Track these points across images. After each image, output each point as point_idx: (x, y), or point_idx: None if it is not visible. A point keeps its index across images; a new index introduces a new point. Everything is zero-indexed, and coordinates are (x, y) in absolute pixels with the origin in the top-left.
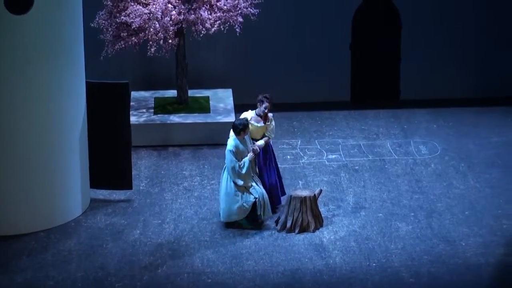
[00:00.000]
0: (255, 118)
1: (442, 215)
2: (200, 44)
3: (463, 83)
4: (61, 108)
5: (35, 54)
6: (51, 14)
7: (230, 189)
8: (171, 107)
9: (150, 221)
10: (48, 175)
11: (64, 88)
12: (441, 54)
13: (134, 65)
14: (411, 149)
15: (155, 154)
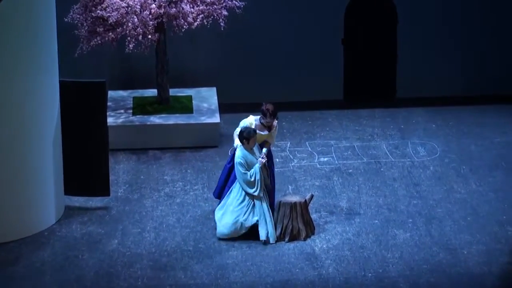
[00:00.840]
0: (259, 126)
1: (442, 222)
2: (182, 40)
3: (464, 80)
4: (33, 110)
5: (3, 51)
6: (22, 8)
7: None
8: (151, 107)
9: (129, 230)
10: (19, 181)
11: (36, 88)
12: (441, 49)
13: (111, 62)
14: (408, 150)
15: (134, 158)
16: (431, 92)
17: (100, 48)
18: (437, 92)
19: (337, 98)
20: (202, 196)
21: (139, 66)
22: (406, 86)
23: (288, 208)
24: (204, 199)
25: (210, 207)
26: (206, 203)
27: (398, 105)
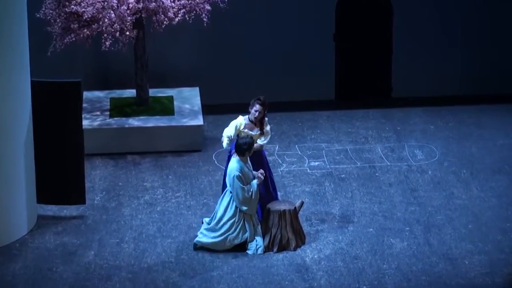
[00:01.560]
0: (249, 125)
1: (441, 230)
2: (162, 37)
3: (465, 78)
4: (3, 112)
5: None
6: None
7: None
8: (130, 109)
9: (107, 240)
10: None
11: (6, 89)
12: (439, 44)
13: (87, 61)
14: (405, 154)
15: (111, 163)
16: (429, 91)
17: (75, 46)
18: (435, 91)
19: (329, 97)
20: (185, 204)
21: (116, 65)
22: (402, 85)
23: (276, 216)
24: (187, 207)
25: (193, 216)
26: (189, 211)
27: (394, 105)
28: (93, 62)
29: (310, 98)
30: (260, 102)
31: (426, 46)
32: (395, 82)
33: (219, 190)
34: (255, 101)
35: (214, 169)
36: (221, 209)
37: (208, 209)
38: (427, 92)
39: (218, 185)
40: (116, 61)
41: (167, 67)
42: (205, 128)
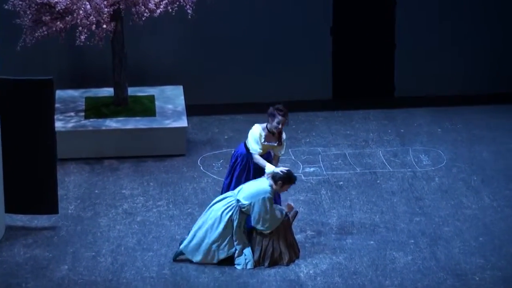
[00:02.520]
0: (267, 137)
1: (449, 242)
2: (142, 30)
3: (475, 76)
4: None
5: None
6: None
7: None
8: (107, 109)
9: (82, 253)
10: None
11: None
12: (447, 39)
13: (60, 57)
14: (409, 159)
15: (87, 169)
16: (436, 89)
17: (47, 40)
18: (443, 89)
19: (325, 97)
20: (167, 214)
21: (92, 61)
22: (406, 83)
23: None
24: (169, 216)
25: (176, 227)
26: (172, 222)
27: (397, 105)
28: (67, 58)
29: (305, 97)
30: (282, 114)
31: (432, 40)
32: (398, 80)
33: (205, 199)
34: (276, 111)
35: (199, 175)
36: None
37: (192, 219)
38: (433, 91)
39: (203, 193)
40: (92, 56)
41: (147, 63)
42: (189, 130)
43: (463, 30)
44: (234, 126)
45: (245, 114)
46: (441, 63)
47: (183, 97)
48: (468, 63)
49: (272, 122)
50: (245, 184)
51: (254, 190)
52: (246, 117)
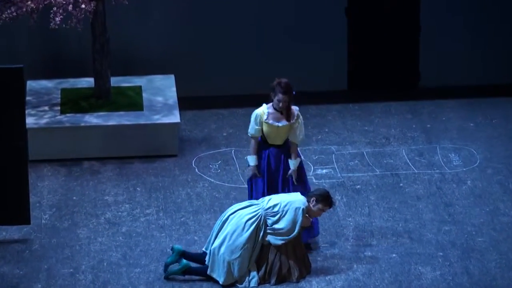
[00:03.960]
0: (273, 115)
1: (484, 255)
2: (127, 11)
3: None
4: None
5: None
6: None
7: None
8: (86, 102)
9: (58, 270)
10: None
11: None
12: (480, 21)
13: (31, 42)
14: (437, 158)
15: (63, 172)
16: (467, 78)
17: (16, 23)
18: (476, 78)
19: (339, 87)
20: (157, 223)
21: (69, 47)
22: (433, 71)
23: None
24: (159, 227)
25: (168, 238)
26: (162, 233)
27: (423, 97)
28: (40, 43)
29: (316, 88)
30: (282, 91)
31: (464, 22)
32: (423, 67)
33: (200, 206)
34: (277, 87)
35: (195, 178)
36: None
37: (186, 230)
38: (465, 79)
39: (198, 199)
40: (68, 42)
41: (133, 49)
42: (182, 127)
43: (498, 11)
44: (234, 121)
45: (247, 107)
46: (473, 49)
47: (175, 88)
48: (506, 50)
49: (274, 98)
50: (274, 195)
51: (287, 199)
52: (248, 111)
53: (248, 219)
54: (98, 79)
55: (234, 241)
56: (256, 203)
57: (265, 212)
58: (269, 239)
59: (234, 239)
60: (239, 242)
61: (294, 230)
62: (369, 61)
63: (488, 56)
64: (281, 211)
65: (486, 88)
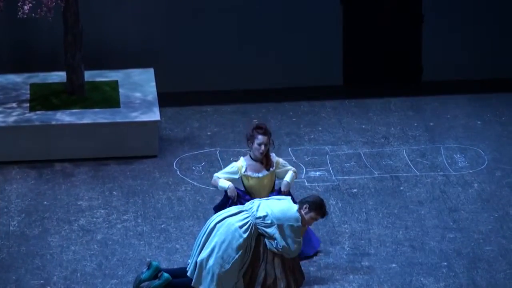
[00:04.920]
0: (252, 167)
1: (492, 265)
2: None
3: None
4: None
5: None
6: None
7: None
8: (58, 99)
9: (27, 281)
10: None
11: None
12: (489, 9)
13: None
14: (441, 160)
15: (33, 175)
16: (474, 72)
17: None
18: (483, 72)
19: (335, 82)
20: (135, 230)
21: (38, 39)
22: (436, 64)
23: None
24: (138, 234)
25: (147, 246)
26: (141, 240)
27: (425, 92)
28: (7, 34)
29: (309, 83)
30: (261, 131)
31: (472, 10)
32: (426, 60)
33: (182, 211)
34: (254, 130)
35: (176, 181)
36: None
37: (167, 237)
38: (471, 73)
39: (180, 204)
40: (38, 32)
41: (109, 41)
42: (162, 125)
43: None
44: (219, 119)
45: (233, 104)
46: (482, 38)
47: (154, 83)
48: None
49: (252, 145)
50: (263, 201)
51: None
52: (234, 108)
53: (239, 228)
54: (70, 73)
55: (224, 251)
56: (245, 209)
57: (256, 221)
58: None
59: (224, 249)
60: (230, 253)
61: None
62: (366, 53)
63: (497, 48)
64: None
65: (494, 83)
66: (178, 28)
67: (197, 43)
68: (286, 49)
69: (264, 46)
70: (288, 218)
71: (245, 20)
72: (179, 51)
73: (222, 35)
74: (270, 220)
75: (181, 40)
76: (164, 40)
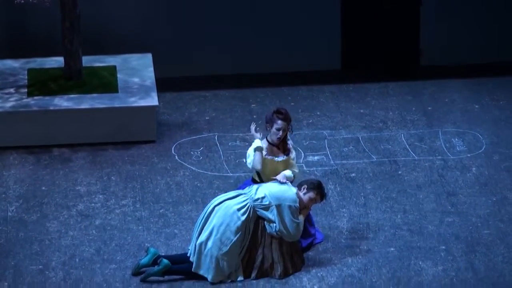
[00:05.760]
0: (270, 150)
1: (491, 249)
2: None
3: None
4: None
5: None
6: None
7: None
8: (56, 84)
9: (26, 267)
10: None
11: None
12: None
13: None
14: (439, 144)
15: (31, 160)
16: (472, 56)
17: None
18: (482, 55)
19: (333, 66)
20: (133, 215)
21: (36, 24)
22: (435, 48)
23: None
24: (136, 219)
25: (145, 232)
26: (139, 225)
27: (424, 76)
28: (4, 19)
29: (307, 67)
30: (282, 117)
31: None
32: (424, 44)
33: (181, 196)
34: (275, 115)
35: (174, 166)
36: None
37: (165, 222)
38: (469, 58)
39: (179, 189)
40: (35, 17)
41: (107, 26)
42: (160, 110)
43: None
44: (217, 104)
45: (231, 89)
46: (480, 22)
47: (152, 68)
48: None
49: (271, 129)
50: (262, 184)
51: (277, 191)
52: (233, 93)
53: (237, 210)
54: (68, 58)
55: (223, 234)
56: (243, 193)
57: (254, 203)
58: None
59: (222, 232)
60: (228, 236)
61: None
62: (364, 38)
63: (495, 32)
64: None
65: (492, 67)
66: (176, 12)
67: (195, 29)
68: (285, 34)
69: (262, 31)
70: (285, 198)
71: (244, 5)
72: (177, 36)
73: (220, 20)
74: (268, 201)
75: (179, 25)
76: (162, 25)
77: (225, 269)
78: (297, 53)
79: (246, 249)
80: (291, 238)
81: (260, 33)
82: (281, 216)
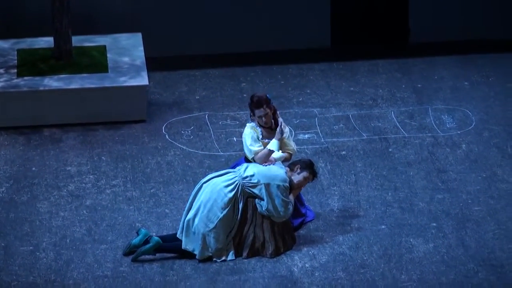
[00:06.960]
0: (264, 132)
1: (481, 225)
2: None
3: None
4: None
5: None
6: None
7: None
8: (46, 64)
9: (16, 248)
10: None
11: None
12: None
13: None
14: (429, 121)
15: (21, 141)
16: (462, 33)
17: None
18: (471, 32)
19: (323, 44)
20: (124, 195)
21: (25, 3)
22: (424, 24)
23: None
24: (127, 199)
25: (136, 212)
26: (130, 205)
27: (413, 53)
28: None
29: (296, 45)
30: (255, 105)
31: None
32: (413, 21)
33: (172, 176)
34: (251, 105)
35: (165, 145)
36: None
37: (156, 202)
38: (459, 34)
39: (169, 169)
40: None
41: (96, 5)
42: (150, 89)
43: None
44: (208, 83)
45: (222, 68)
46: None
47: (142, 47)
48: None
49: (254, 118)
50: (251, 164)
51: (266, 170)
52: (223, 71)
53: (224, 187)
54: (58, 38)
55: (209, 210)
56: (232, 171)
57: (243, 181)
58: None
59: (208, 208)
60: (215, 212)
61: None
62: (354, 15)
63: (485, 8)
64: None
65: (482, 43)
66: None
67: (185, 8)
68: (274, 12)
69: (251, 9)
70: (275, 177)
71: None
72: (167, 15)
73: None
74: (256, 179)
75: (169, 4)
76: (152, 4)
77: (211, 245)
78: (285, 31)
79: (237, 228)
80: (280, 218)
81: (249, 11)
82: (270, 195)
